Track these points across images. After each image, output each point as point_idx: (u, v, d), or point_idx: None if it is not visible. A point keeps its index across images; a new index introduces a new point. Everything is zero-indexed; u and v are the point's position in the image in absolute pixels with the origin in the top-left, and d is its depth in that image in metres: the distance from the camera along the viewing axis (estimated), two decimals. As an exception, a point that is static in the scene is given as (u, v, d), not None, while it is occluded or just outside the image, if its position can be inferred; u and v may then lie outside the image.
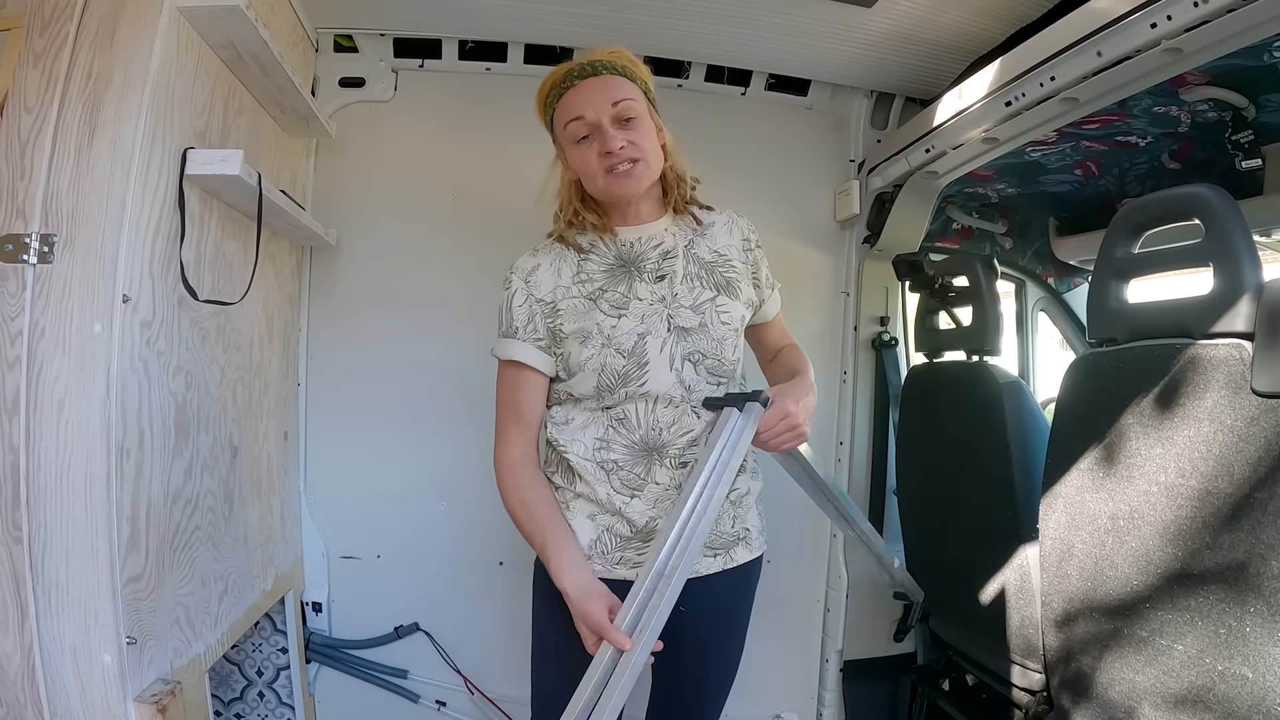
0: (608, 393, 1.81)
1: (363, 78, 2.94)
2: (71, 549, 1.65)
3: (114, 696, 1.68)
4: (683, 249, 1.90)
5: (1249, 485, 1.43)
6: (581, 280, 1.84)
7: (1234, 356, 1.48)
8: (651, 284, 1.85)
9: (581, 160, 1.79)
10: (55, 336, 1.66)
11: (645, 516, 1.81)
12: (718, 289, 1.89)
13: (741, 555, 1.94)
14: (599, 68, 1.78)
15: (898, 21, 2.56)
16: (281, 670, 2.82)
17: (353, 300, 2.95)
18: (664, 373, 1.80)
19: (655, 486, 1.82)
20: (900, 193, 2.93)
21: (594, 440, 1.83)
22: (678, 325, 1.82)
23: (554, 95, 1.81)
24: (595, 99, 1.75)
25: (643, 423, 1.82)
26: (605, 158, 1.75)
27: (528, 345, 1.83)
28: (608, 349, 1.78)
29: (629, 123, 1.77)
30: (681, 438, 1.83)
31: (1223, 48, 1.69)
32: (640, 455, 1.82)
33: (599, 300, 1.83)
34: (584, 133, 1.77)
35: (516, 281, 1.85)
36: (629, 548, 1.83)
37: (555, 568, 1.73)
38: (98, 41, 1.73)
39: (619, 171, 1.77)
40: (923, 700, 3.01)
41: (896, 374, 3.25)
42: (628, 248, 1.88)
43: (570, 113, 1.77)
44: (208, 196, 2.05)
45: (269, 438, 2.63)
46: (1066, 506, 1.92)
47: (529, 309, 1.83)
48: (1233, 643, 1.44)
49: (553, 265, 1.86)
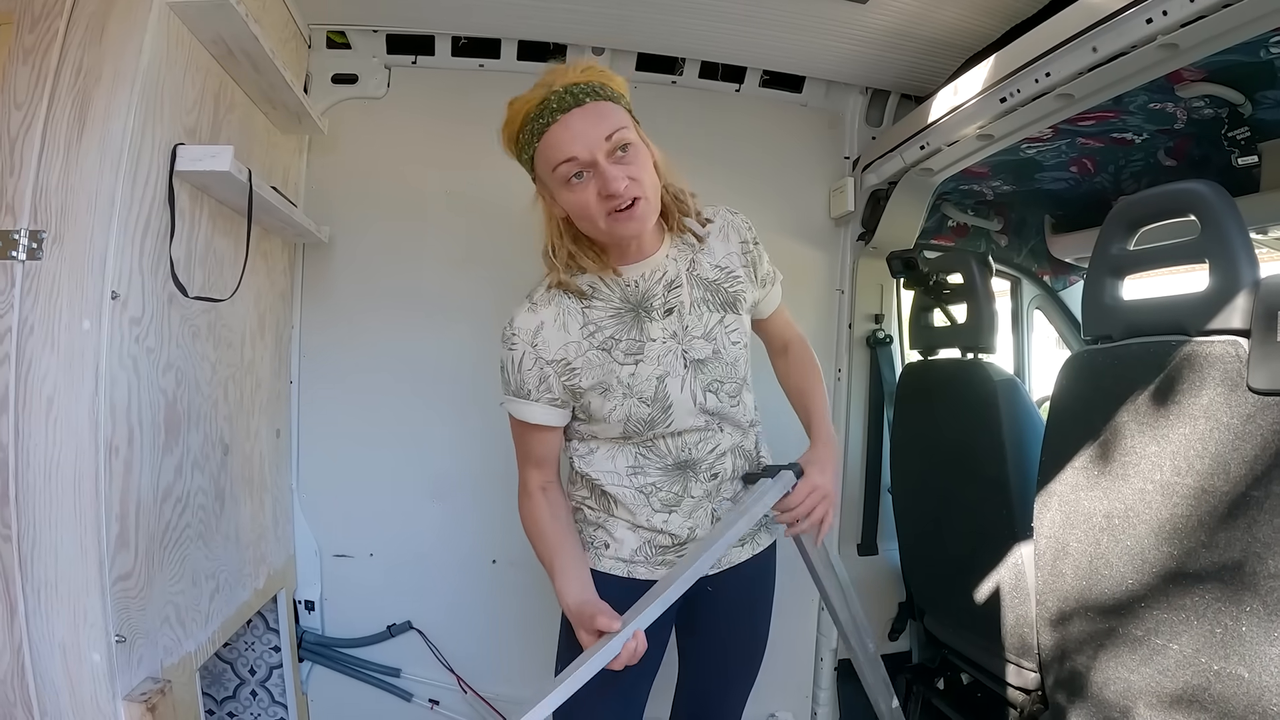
0: (635, 435, 1.81)
1: (355, 74, 2.92)
2: (60, 547, 1.64)
3: (103, 695, 1.68)
4: (686, 274, 1.82)
5: (1245, 483, 1.43)
6: (590, 332, 1.76)
7: (1230, 353, 1.47)
8: (662, 320, 1.79)
9: (577, 204, 1.63)
10: (44, 333, 1.65)
11: (685, 529, 1.86)
12: (724, 308, 1.85)
13: (764, 540, 2.01)
14: (580, 95, 1.60)
15: (892, 18, 2.55)
16: (274, 669, 2.81)
17: (346, 298, 2.94)
18: (688, 410, 1.80)
19: (690, 500, 1.86)
20: (895, 190, 2.93)
21: (626, 467, 1.84)
22: (693, 359, 1.81)
23: (532, 133, 1.63)
24: (586, 134, 1.58)
25: (672, 449, 1.83)
26: (606, 200, 1.60)
27: (543, 406, 1.79)
28: (630, 399, 1.76)
29: (625, 153, 1.61)
30: (710, 452, 1.86)
31: (1218, 43, 1.68)
32: (676, 474, 1.84)
33: (612, 350, 1.76)
34: (576, 172, 1.60)
35: (521, 345, 1.73)
36: (669, 553, 1.88)
37: (559, 586, 1.74)
38: (87, 37, 1.72)
39: (622, 213, 1.61)
40: (918, 699, 3.01)
41: (891, 372, 3.24)
42: (633, 288, 1.78)
43: (559, 154, 1.60)
44: (198, 193, 2.04)
45: (261, 435, 2.61)
46: (1061, 505, 1.91)
47: (539, 372, 1.75)
48: (1228, 642, 1.44)
49: (557, 321, 1.75)
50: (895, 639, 3.24)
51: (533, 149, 1.65)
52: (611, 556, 1.87)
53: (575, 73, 1.63)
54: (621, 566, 1.87)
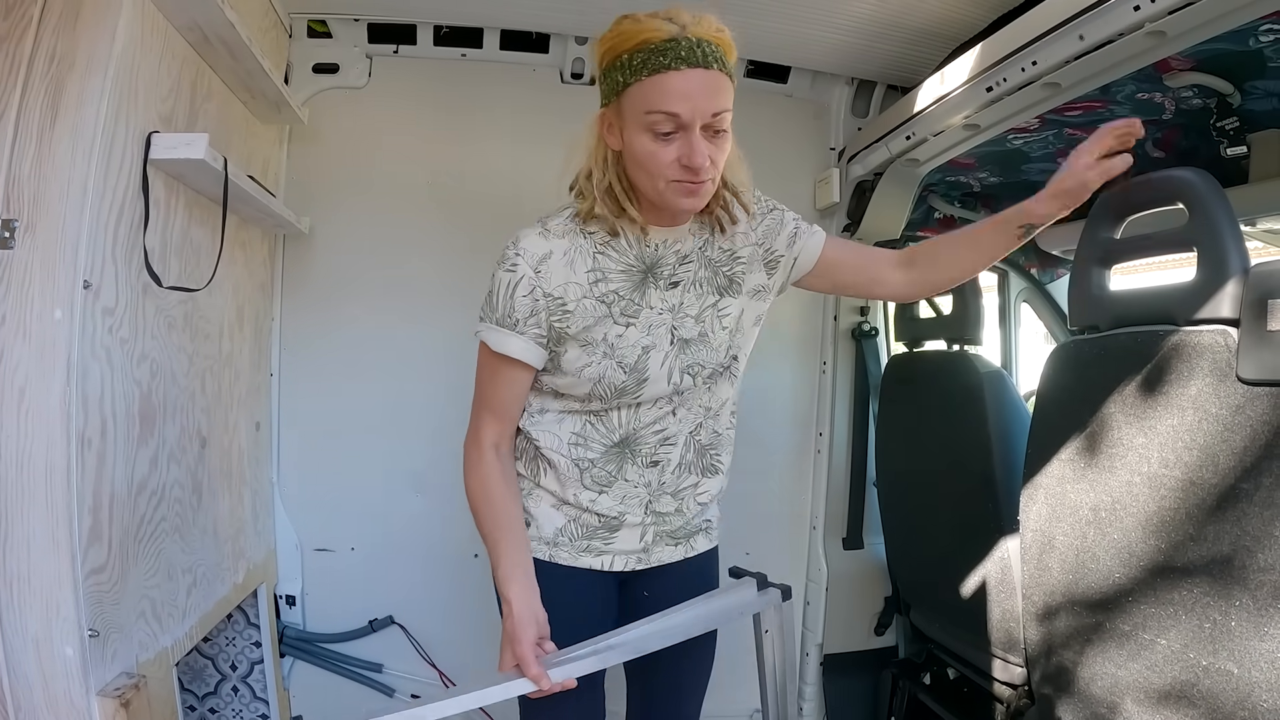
0: (598, 401, 1.71)
1: (336, 64, 2.91)
2: (33, 540, 1.62)
3: (76, 690, 1.65)
4: (698, 252, 1.73)
5: (1234, 475, 1.41)
6: (595, 279, 1.65)
7: (1219, 343, 1.46)
8: (664, 291, 1.71)
9: (650, 156, 1.51)
10: (15, 323, 1.62)
11: (614, 510, 1.77)
12: (720, 292, 1.76)
13: (701, 545, 1.92)
14: (710, 57, 1.46)
15: (879, 7, 2.54)
16: (255, 664, 2.79)
17: (327, 289, 2.93)
18: (660, 386, 1.71)
19: (624, 483, 1.77)
20: (881, 181, 2.92)
21: (570, 434, 1.75)
22: (680, 337, 1.72)
23: (644, 65, 1.46)
24: (699, 99, 1.46)
25: (624, 423, 1.75)
26: (684, 169, 1.50)
27: (527, 341, 1.64)
28: (609, 359, 1.66)
29: (718, 136, 1.52)
30: (655, 435, 1.77)
31: (1207, 31, 1.67)
32: (614, 454, 1.76)
33: (611, 306, 1.66)
34: (669, 129, 1.48)
35: (524, 268, 1.60)
36: (596, 536, 1.79)
37: (503, 574, 1.65)
38: (61, 24, 1.69)
39: (688, 185, 1.53)
40: (903, 694, 3.00)
41: (877, 364, 3.24)
42: (652, 250, 1.69)
43: (664, 103, 1.46)
44: (174, 182, 2.02)
45: (240, 428, 2.59)
46: (1047, 498, 1.90)
47: (533, 301, 1.61)
48: (1217, 637, 1.42)
49: (566, 255, 1.63)
50: (881, 634, 3.24)
51: (635, 79, 1.48)
52: (533, 537, 1.77)
53: (710, 28, 1.47)
54: (543, 549, 1.77)
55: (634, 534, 1.81)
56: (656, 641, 1.67)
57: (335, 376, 2.93)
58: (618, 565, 1.81)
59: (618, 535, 1.79)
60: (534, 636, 1.59)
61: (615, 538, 1.79)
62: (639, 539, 1.82)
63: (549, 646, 1.61)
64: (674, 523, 1.84)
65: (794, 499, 3.27)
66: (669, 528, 1.84)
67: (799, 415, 3.29)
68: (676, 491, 1.82)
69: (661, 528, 1.83)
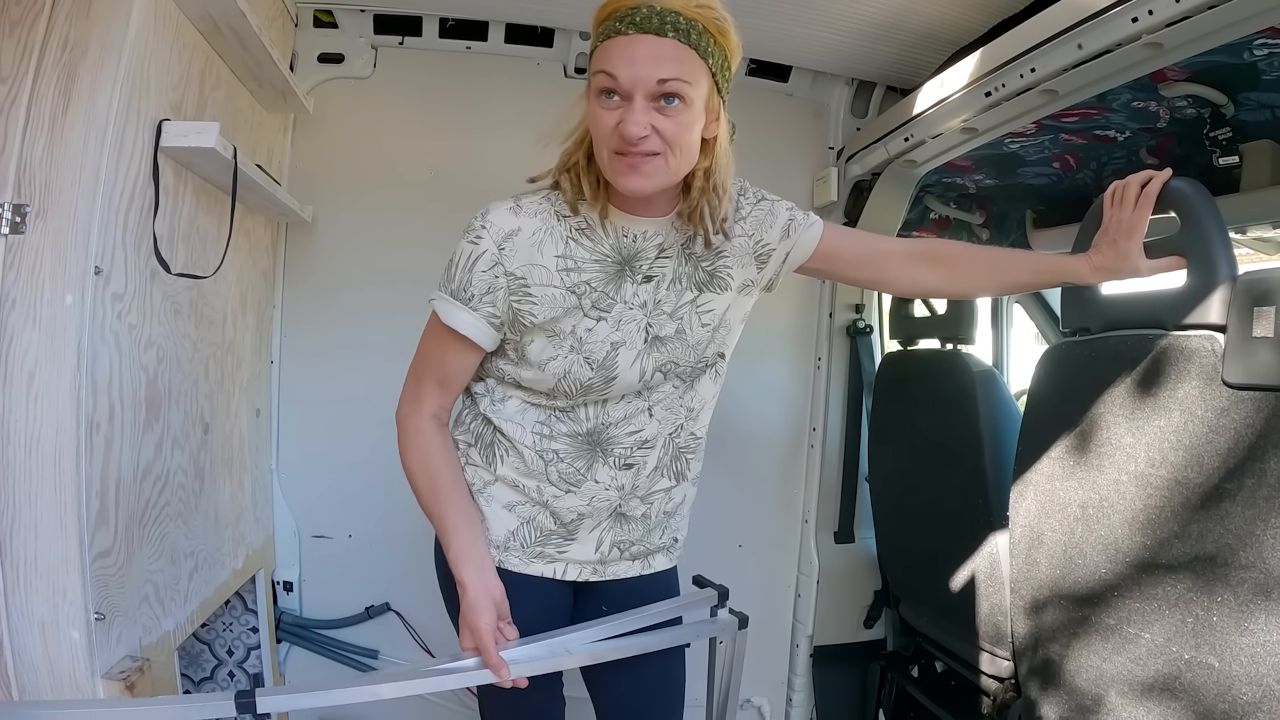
0: (563, 397, 1.64)
1: (342, 54, 2.91)
2: (40, 523, 1.63)
3: (82, 673, 1.66)
4: (679, 248, 1.65)
5: (1218, 476, 1.45)
6: (565, 268, 1.58)
7: (1206, 348, 1.49)
8: (638, 285, 1.63)
9: (593, 120, 1.46)
10: (26, 308, 1.63)
11: (575, 513, 1.69)
12: (700, 287, 1.67)
13: (660, 563, 1.85)
14: (666, 25, 1.38)
15: (881, 10, 2.55)
16: (252, 650, 2.80)
17: (328, 278, 2.93)
18: (630, 384, 1.65)
19: (594, 485, 1.69)
20: (878, 181, 2.94)
21: (534, 424, 1.67)
22: (654, 335, 1.64)
23: (606, 30, 1.43)
24: (641, 65, 1.39)
25: (591, 417, 1.67)
26: (621, 140, 1.42)
27: (478, 319, 1.58)
28: (576, 354, 1.58)
29: (669, 105, 1.41)
30: (630, 436, 1.69)
31: (1202, 44, 1.69)
32: (584, 449, 1.68)
33: (583, 298, 1.59)
34: (609, 90, 1.42)
35: (487, 242, 1.54)
36: (549, 542, 1.71)
37: (456, 554, 1.56)
38: (74, 10, 1.69)
39: (628, 160, 1.44)
40: (892, 686, 3.03)
41: (871, 361, 3.26)
42: (630, 241, 1.61)
43: (604, 63, 1.42)
44: (182, 169, 2.03)
45: (241, 415, 2.61)
46: (1037, 494, 1.93)
47: (492, 278, 1.55)
48: (1200, 632, 1.46)
49: (535, 236, 1.56)
50: (870, 626, 3.27)
51: (597, 45, 1.46)
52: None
53: (689, 4, 1.40)
54: (493, 554, 1.67)
55: (590, 543, 1.73)
56: (614, 653, 1.64)
57: (335, 364, 2.93)
58: (570, 574, 1.74)
59: (572, 544, 1.72)
60: (493, 620, 1.52)
61: (569, 545, 1.72)
62: (594, 549, 1.74)
63: (510, 632, 1.57)
64: (635, 532, 1.77)
65: (787, 493, 3.29)
66: (629, 537, 1.77)
67: (793, 410, 3.30)
68: (647, 495, 1.75)
69: (621, 536, 1.76)
